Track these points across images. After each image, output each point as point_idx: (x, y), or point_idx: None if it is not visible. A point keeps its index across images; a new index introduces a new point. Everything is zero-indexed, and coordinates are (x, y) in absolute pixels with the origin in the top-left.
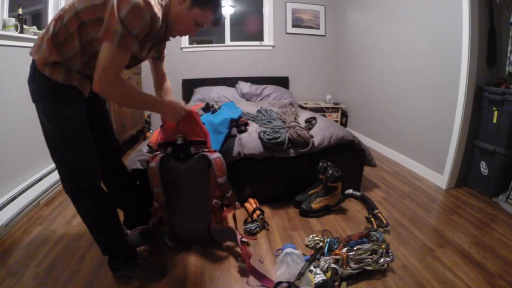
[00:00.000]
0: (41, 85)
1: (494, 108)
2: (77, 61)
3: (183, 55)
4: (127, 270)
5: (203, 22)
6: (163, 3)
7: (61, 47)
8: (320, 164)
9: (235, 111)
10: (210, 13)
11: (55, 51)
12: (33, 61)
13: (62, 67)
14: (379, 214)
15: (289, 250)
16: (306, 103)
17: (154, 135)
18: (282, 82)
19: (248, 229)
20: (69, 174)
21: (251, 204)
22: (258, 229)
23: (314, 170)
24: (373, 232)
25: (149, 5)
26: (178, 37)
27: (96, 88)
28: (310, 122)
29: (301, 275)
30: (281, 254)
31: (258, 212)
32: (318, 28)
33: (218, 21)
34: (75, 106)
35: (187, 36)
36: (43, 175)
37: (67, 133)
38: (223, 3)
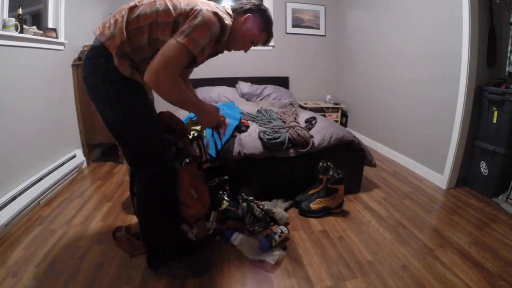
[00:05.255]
0: (110, 77)
1: (494, 108)
2: (140, 54)
3: None
4: (167, 267)
5: (257, 42)
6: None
7: (130, 35)
8: (320, 164)
9: (235, 111)
10: (265, 35)
11: (126, 40)
12: (99, 50)
13: (127, 61)
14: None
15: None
16: (306, 103)
17: None
18: (282, 82)
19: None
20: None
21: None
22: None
23: (314, 170)
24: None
25: (219, 18)
26: None
27: (150, 80)
28: (310, 122)
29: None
30: (235, 240)
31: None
32: (318, 28)
33: (268, 42)
34: (142, 97)
35: None
36: (43, 175)
37: (140, 123)
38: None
